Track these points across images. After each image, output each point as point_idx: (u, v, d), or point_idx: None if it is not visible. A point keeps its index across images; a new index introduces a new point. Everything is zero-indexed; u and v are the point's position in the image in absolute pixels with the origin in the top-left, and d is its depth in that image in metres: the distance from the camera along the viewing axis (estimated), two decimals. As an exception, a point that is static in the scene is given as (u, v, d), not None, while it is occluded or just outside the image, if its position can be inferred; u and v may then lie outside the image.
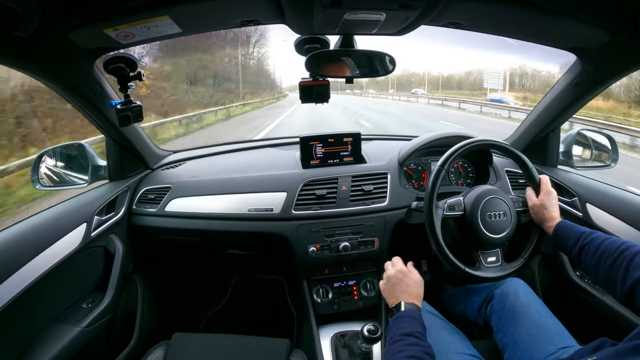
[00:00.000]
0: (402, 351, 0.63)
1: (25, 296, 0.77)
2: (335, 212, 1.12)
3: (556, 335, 0.82)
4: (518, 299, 0.91)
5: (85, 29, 0.71)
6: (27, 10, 0.58)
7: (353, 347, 1.02)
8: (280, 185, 1.15)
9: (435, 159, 1.19)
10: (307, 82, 0.95)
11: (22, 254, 0.79)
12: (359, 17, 0.71)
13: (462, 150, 0.92)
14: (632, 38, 0.75)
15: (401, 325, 0.70)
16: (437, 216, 0.90)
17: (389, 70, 0.91)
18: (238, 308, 1.65)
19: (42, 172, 1.09)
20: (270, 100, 23.55)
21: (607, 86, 0.99)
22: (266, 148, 1.51)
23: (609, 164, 1.23)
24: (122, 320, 1.13)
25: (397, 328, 0.70)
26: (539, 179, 0.92)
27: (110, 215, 1.10)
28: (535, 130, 1.26)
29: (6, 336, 0.77)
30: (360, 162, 1.26)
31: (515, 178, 1.24)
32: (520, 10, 0.73)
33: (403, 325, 0.70)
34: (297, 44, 0.91)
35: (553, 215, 0.86)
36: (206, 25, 0.89)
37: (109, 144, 1.14)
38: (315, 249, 1.11)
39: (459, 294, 1.13)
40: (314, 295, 1.18)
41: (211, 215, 1.14)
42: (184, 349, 0.92)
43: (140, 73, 0.93)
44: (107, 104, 0.97)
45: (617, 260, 0.66)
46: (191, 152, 1.47)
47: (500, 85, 22.48)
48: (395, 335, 0.68)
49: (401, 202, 1.14)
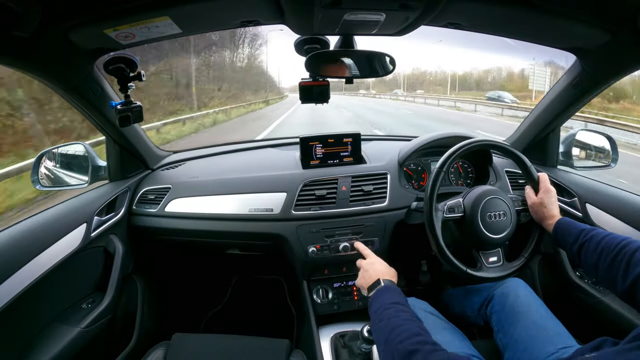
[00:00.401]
0: (397, 316, 0.64)
1: (25, 296, 0.77)
2: (335, 212, 1.12)
3: (556, 335, 0.82)
4: (518, 299, 0.91)
5: (85, 29, 0.72)
6: (27, 10, 0.58)
7: (353, 348, 1.02)
8: (280, 185, 1.15)
9: (435, 159, 1.19)
10: (307, 82, 0.95)
11: (22, 254, 0.79)
12: (359, 17, 0.71)
13: (462, 151, 0.92)
14: (631, 38, 0.75)
15: (386, 295, 0.71)
16: (437, 218, 0.90)
17: (389, 70, 0.91)
18: (238, 308, 1.65)
19: (42, 173, 1.09)
20: (259, 105, 19.47)
21: (607, 86, 0.99)
22: (266, 148, 1.51)
23: (609, 164, 1.23)
24: (122, 321, 1.13)
25: (383, 298, 0.70)
26: (538, 177, 0.92)
27: (110, 215, 1.10)
28: (535, 131, 1.26)
29: (6, 336, 0.77)
30: (360, 163, 1.26)
31: (515, 178, 1.25)
32: (519, 11, 0.74)
33: (388, 296, 0.71)
34: (297, 44, 0.91)
35: (552, 213, 0.86)
36: (206, 26, 0.89)
37: (109, 145, 1.14)
38: (315, 250, 1.11)
39: (459, 294, 1.13)
40: (313, 295, 1.18)
41: (211, 215, 1.14)
42: (184, 349, 0.92)
43: (141, 73, 0.93)
44: (107, 104, 0.97)
45: (617, 256, 0.66)
46: (191, 152, 1.47)
47: (547, 87, 16.87)
48: (385, 304, 0.68)
49: (401, 203, 1.14)
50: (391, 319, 0.64)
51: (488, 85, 33.84)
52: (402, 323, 0.63)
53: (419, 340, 0.58)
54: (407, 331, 0.60)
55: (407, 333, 0.60)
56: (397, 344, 0.59)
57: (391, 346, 0.59)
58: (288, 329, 1.47)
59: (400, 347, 0.58)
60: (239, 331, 1.02)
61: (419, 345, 0.56)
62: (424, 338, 0.59)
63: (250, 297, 1.69)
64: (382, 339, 0.63)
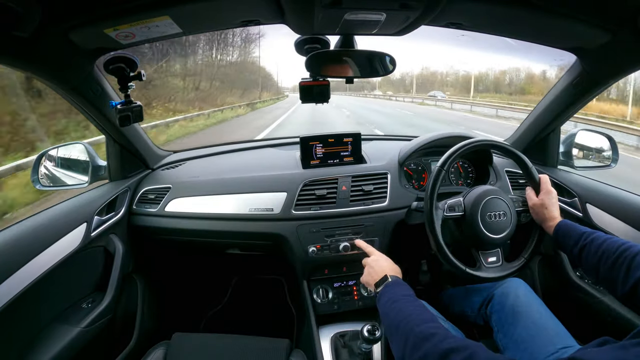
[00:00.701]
0: (409, 306, 0.65)
1: (25, 296, 0.77)
2: (335, 212, 1.12)
3: (556, 335, 0.82)
4: (518, 299, 0.91)
5: (86, 29, 0.72)
6: (27, 10, 0.58)
7: (353, 347, 1.02)
8: (280, 185, 1.15)
9: (436, 159, 1.19)
10: (307, 82, 0.95)
11: (22, 254, 0.79)
12: (359, 17, 0.71)
13: (462, 151, 0.92)
14: (631, 38, 0.75)
15: (397, 289, 0.72)
16: (437, 217, 0.90)
17: (389, 70, 0.91)
18: (238, 308, 1.65)
19: (42, 172, 1.09)
20: (236, 111, 14.15)
21: (607, 86, 0.99)
22: (266, 148, 1.51)
23: (609, 164, 1.23)
24: (122, 320, 1.13)
25: (394, 292, 0.72)
26: (539, 178, 0.92)
27: (110, 215, 1.10)
28: (535, 131, 1.26)
29: (6, 336, 0.77)
30: (361, 162, 1.26)
31: (515, 178, 1.24)
32: (520, 11, 0.74)
33: (397, 290, 0.72)
34: (297, 44, 0.91)
35: (553, 214, 0.86)
36: (206, 25, 0.89)
37: (109, 144, 1.14)
38: (316, 249, 1.11)
39: (459, 294, 1.13)
40: (314, 295, 1.18)
41: (211, 215, 1.14)
42: (184, 349, 0.92)
43: (141, 73, 0.93)
44: (107, 104, 0.97)
45: (618, 260, 0.66)
46: (191, 152, 1.47)
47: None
48: (395, 295, 0.70)
49: (401, 203, 1.14)
50: (403, 308, 0.65)
51: (506, 87, 31.42)
52: (415, 311, 0.63)
53: (435, 325, 0.58)
54: (420, 317, 0.61)
55: (420, 318, 0.60)
56: (411, 328, 0.59)
57: (405, 331, 0.59)
58: (288, 328, 1.47)
59: (417, 330, 0.58)
60: (239, 331, 1.02)
61: (436, 329, 0.57)
62: (438, 325, 0.59)
63: (250, 297, 1.69)
64: (393, 326, 0.63)
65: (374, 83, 46.02)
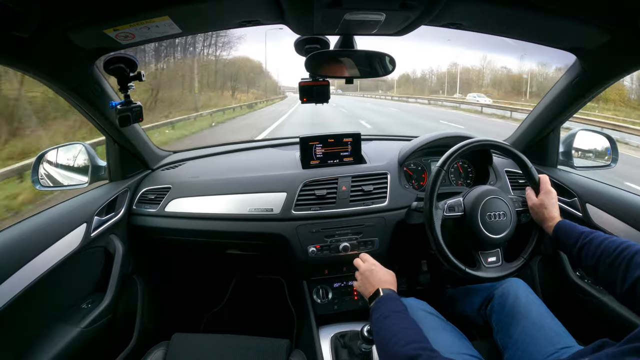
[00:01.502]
0: (397, 323, 0.67)
1: (25, 296, 0.77)
2: (335, 212, 1.12)
3: (556, 336, 0.82)
4: (518, 299, 0.91)
5: (85, 30, 0.72)
6: (27, 10, 0.58)
7: (353, 348, 1.02)
8: (280, 185, 1.15)
9: (435, 159, 1.18)
10: (307, 82, 0.95)
11: (22, 254, 0.79)
12: (359, 17, 0.71)
13: (462, 151, 0.92)
14: (631, 38, 0.75)
15: (388, 305, 0.73)
16: (437, 217, 0.90)
17: (389, 70, 0.91)
18: (238, 308, 1.64)
19: (42, 173, 1.09)
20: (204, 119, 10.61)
21: (606, 86, 0.99)
22: (266, 148, 1.51)
23: (609, 164, 1.23)
24: (122, 321, 1.13)
25: (385, 307, 0.72)
26: (539, 178, 0.92)
27: (110, 215, 1.10)
28: (535, 131, 1.26)
29: (6, 336, 0.77)
30: (360, 163, 1.26)
31: (515, 178, 1.24)
32: (520, 10, 0.74)
33: (389, 305, 0.73)
34: (297, 44, 0.91)
35: (553, 214, 0.86)
36: (206, 26, 0.89)
37: (109, 144, 1.14)
38: (315, 250, 1.11)
39: (459, 294, 1.13)
40: (313, 295, 1.18)
41: (211, 215, 1.14)
42: (183, 349, 0.92)
43: (141, 73, 0.93)
44: (107, 104, 0.97)
45: (616, 259, 0.66)
46: (191, 152, 1.47)
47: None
48: (386, 311, 0.71)
49: (401, 203, 1.14)
50: (391, 326, 0.66)
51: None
52: (402, 330, 0.65)
53: (420, 346, 0.59)
54: (407, 337, 0.62)
55: (407, 339, 0.62)
56: (398, 349, 0.60)
57: (392, 351, 0.61)
58: (288, 329, 1.47)
59: (402, 351, 0.59)
60: (239, 331, 1.02)
61: (420, 351, 0.58)
62: (424, 345, 0.60)
63: (250, 297, 1.69)
64: (382, 345, 0.65)
65: (390, 82, 44.50)
